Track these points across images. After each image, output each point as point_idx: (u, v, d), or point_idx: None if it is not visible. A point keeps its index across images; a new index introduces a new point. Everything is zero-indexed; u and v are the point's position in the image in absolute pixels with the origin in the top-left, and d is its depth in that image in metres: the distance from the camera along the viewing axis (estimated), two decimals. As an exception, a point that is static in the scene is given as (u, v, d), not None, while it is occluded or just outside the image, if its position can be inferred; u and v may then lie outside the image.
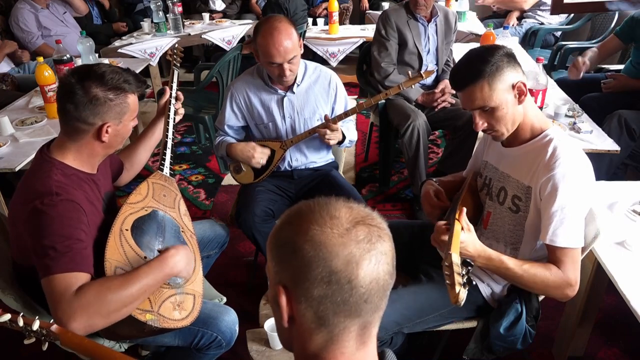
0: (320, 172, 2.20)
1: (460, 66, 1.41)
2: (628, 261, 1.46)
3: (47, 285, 1.19)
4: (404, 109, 2.74)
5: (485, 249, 1.33)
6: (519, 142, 1.46)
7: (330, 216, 0.70)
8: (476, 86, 1.35)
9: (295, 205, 0.76)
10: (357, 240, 0.69)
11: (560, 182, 1.32)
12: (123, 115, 1.38)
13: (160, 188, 1.60)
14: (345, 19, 5.11)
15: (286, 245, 0.71)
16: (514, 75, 1.36)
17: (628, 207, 1.70)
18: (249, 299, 2.21)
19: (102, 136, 1.35)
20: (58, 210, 1.25)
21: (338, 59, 4.22)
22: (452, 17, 2.93)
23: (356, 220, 0.71)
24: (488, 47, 1.39)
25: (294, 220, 0.72)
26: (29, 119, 2.47)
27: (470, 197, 1.58)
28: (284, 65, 1.89)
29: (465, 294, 1.14)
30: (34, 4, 3.89)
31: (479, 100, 1.37)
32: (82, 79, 1.32)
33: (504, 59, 1.35)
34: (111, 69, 1.37)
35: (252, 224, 1.96)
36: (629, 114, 2.51)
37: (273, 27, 1.86)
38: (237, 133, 2.16)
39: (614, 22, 3.93)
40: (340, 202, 0.74)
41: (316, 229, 0.69)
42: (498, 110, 1.38)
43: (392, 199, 3.06)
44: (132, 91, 1.39)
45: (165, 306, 1.32)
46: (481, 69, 1.34)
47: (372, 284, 0.69)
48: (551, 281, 1.33)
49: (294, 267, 0.69)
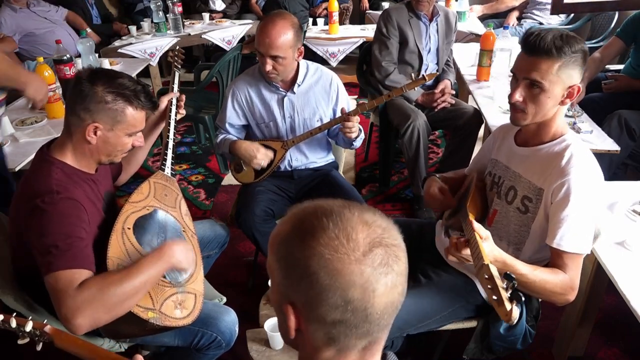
0: (320, 172, 2.20)
1: (548, 35, 1.32)
2: (628, 261, 1.46)
3: (50, 282, 1.20)
4: (404, 109, 2.74)
5: (502, 253, 1.30)
6: (535, 143, 1.44)
7: (347, 238, 0.66)
8: (549, 60, 1.29)
9: (303, 212, 0.71)
10: (374, 265, 0.66)
11: (574, 188, 1.31)
12: (117, 124, 1.36)
13: (162, 188, 1.61)
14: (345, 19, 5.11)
15: (297, 266, 0.67)
16: (578, 76, 1.33)
17: (628, 207, 1.70)
18: (249, 298, 2.21)
19: (87, 135, 1.34)
20: (59, 209, 1.25)
21: (338, 59, 4.22)
22: (453, 17, 2.93)
23: (373, 242, 0.67)
24: (579, 38, 1.33)
25: (305, 238, 0.67)
26: (29, 119, 2.47)
27: (476, 196, 1.57)
28: (266, 59, 1.88)
29: (517, 312, 1.05)
30: (12, 5, 3.88)
31: (540, 73, 1.31)
32: (94, 77, 1.34)
33: (585, 57, 1.31)
34: (128, 79, 1.38)
35: (252, 224, 1.96)
36: (629, 114, 2.50)
37: (272, 18, 1.88)
38: (238, 132, 2.16)
39: (614, 22, 3.93)
40: (355, 217, 0.68)
41: (332, 254, 0.65)
42: (544, 94, 1.33)
43: (392, 199, 3.06)
44: (134, 105, 1.37)
45: (167, 305, 1.33)
46: (565, 49, 1.29)
47: (387, 308, 0.68)
48: (558, 287, 1.32)
49: (306, 292, 0.67)
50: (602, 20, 4.16)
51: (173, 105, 1.77)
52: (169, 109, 1.76)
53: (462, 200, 1.54)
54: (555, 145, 1.39)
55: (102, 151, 1.40)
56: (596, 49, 2.88)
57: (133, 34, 4.09)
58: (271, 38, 1.84)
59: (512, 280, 1.06)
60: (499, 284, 1.07)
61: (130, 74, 2.97)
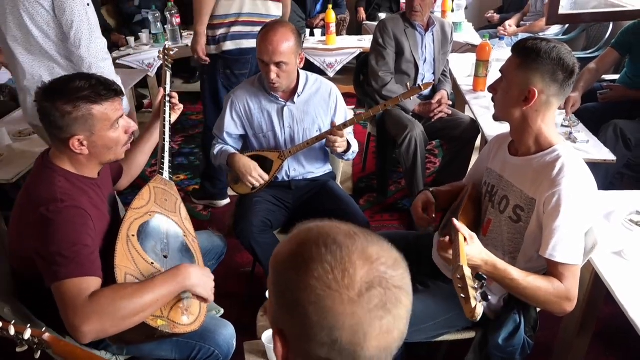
0: (317, 183, 2.20)
1: (530, 39, 1.40)
2: (626, 271, 1.47)
3: (58, 290, 1.20)
4: (401, 120, 2.75)
5: (491, 256, 1.31)
6: (526, 152, 1.45)
7: (343, 274, 0.61)
8: (515, 57, 1.39)
9: (306, 235, 0.67)
10: (369, 308, 0.60)
11: (565, 198, 1.31)
12: (93, 127, 1.33)
13: (162, 192, 1.61)
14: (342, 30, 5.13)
15: (289, 296, 0.63)
16: (539, 82, 1.35)
17: (625, 217, 1.70)
18: (246, 310, 2.20)
19: (75, 149, 1.33)
20: (64, 217, 1.26)
21: (335, 69, 4.24)
22: (449, 28, 2.96)
23: (372, 282, 0.61)
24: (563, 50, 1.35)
25: (300, 268, 0.63)
26: (26, 129, 2.47)
27: (471, 206, 1.58)
28: (270, 67, 1.89)
29: (482, 309, 1.10)
30: None
31: (505, 66, 1.43)
32: (48, 95, 1.31)
33: (556, 68, 1.33)
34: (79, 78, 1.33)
35: (250, 235, 1.96)
36: (624, 124, 2.52)
37: (272, 26, 1.90)
38: (235, 141, 2.16)
39: (609, 32, 3.96)
40: (357, 250, 0.63)
41: (324, 290, 0.60)
42: (503, 87, 1.43)
43: (390, 209, 3.07)
44: (97, 101, 1.32)
45: (174, 311, 1.34)
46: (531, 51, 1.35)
47: (380, 353, 0.62)
48: (553, 295, 1.32)
49: (295, 325, 0.64)
50: (597, 31, 4.19)
51: (167, 106, 1.75)
52: (163, 110, 1.74)
53: (455, 211, 1.55)
54: (547, 156, 1.40)
55: (99, 155, 1.40)
56: (591, 60, 2.89)
57: (131, 45, 4.10)
58: (274, 45, 1.86)
59: (482, 281, 1.12)
60: (469, 284, 1.11)
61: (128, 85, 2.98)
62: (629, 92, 2.72)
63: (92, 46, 1.99)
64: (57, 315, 1.22)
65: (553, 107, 1.39)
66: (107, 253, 1.34)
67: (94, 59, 2.00)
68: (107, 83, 1.37)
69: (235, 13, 2.54)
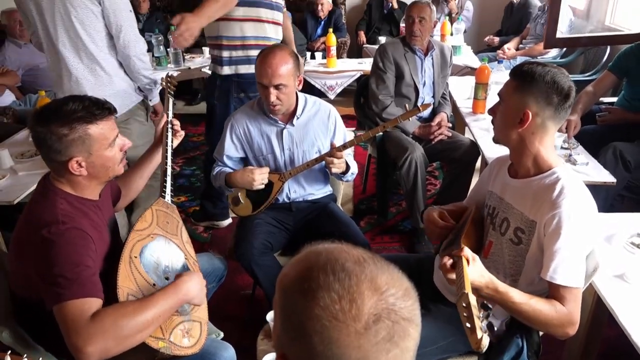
0: (318, 205, 2.20)
1: (527, 63, 1.45)
2: (628, 294, 1.46)
3: (60, 312, 1.20)
4: (402, 142, 2.77)
5: (492, 279, 1.30)
6: (525, 174, 1.46)
7: (350, 304, 0.59)
8: (512, 80, 1.42)
9: (315, 259, 0.65)
10: (376, 340, 0.59)
11: (565, 221, 1.31)
12: (90, 147, 1.34)
13: (164, 215, 1.62)
14: (342, 53, 5.20)
15: (294, 321, 0.62)
16: (533, 104, 1.37)
17: (626, 240, 1.70)
18: (246, 333, 2.18)
19: (74, 171, 1.34)
20: (65, 239, 1.26)
21: (336, 91, 4.29)
22: (448, 51, 3.00)
23: (380, 314, 0.59)
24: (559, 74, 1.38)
25: (307, 295, 0.61)
26: (28, 151, 2.48)
27: (473, 228, 1.58)
28: (270, 89, 1.91)
29: (487, 340, 1.07)
30: (17, 41, 4.01)
31: (503, 89, 1.46)
32: (41, 119, 1.32)
33: (550, 91, 1.35)
34: (72, 100, 1.34)
35: (251, 257, 1.95)
36: (623, 146, 2.53)
37: (271, 50, 1.94)
38: (235, 164, 2.17)
39: (606, 56, 4.01)
40: (366, 280, 0.60)
41: (329, 320, 0.58)
42: (501, 109, 1.46)
43: (391, 231, 3.06)
44: (92, 121, 1.33)
45: (175, 333, 1.34)
46: (526, 74, 1.38)
47: None
48: (555, 318, 1.31)
49: (299, 351, 0.62)
50: (595, 54, 4.24)
51: (169, 132, 1.78)
52: (165, 135, 1.78)
53: (458, 232, 1.54)
54: (546, 178, 1.41)
55: (98, 175, 1.41)
56: (589, 82, 2.92)
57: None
58: (273, 68, 1.88)
59: (488, 310, 1.10)
60: (474, 313, 1.09)
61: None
62: (627, 114, 2.74)
63: (138, 46, 2.31)
64: (56, 338, 1.21)
65: (550, 130, 1.40)
66: (107, 275, 1.34)
67: (140, 55, 2.33)
68: (99, 102, 1.38)
69: (252, 36, 2.51)
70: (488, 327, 1.09)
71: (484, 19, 5.69)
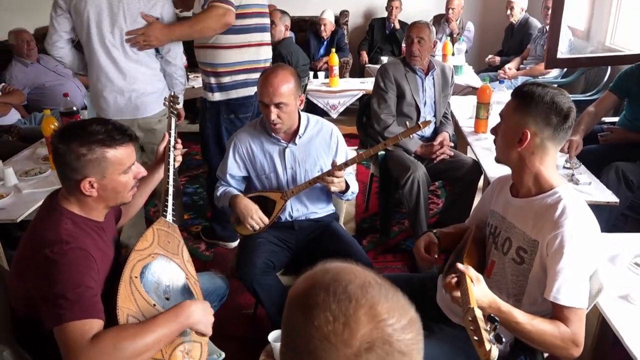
0: (321, 224, 2.20)
1: (528, 84, 1.46)
2: (633, 315, 1.44)
3: (60, 333, 1.20)
4: (404, 161, 2.78)
5: (496, 299, 1.30)
6: (526, 193, 1.47)
7: (344, 327, 0.57)
8: (513, 100, 1.45)
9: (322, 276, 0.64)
10: None
11: (568, 240, 1.31)
12: (105, 170, 1.37)
13: (165, 235, 1.62)
14: (345, 72, 5.25)
15: (292, 337, 0.61)
16: (532, 124, 1.38)
17: (630, 260, 1.69)
18: (247, 352, 2.16)
19: (85, 190, 1.35)
20: (68, 259, 1.26)
21: (338, 110, 4.32)
22: (449, 71, 3.02)
23: (374, 343, 0.57)
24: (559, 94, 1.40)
25: (305, 311, 0.60)
26: (33, 169, 2.50)
27: (475, 248, 1.57)
28: (271, 108, 1.93)
29: (497, 352, 1.07)
30: (24, 60, 4.08)
31: (504, 109, 1.48)
32: (64, 137, 1.35)
33: (550, 112, 1.37)
34: (96, 123, 1.38)
35: (253, 276, 1.95)
36: (625, 166, 2.53)
37: (273, 69, 1.97)
38: (238, 183, 2.18)
39: (607, 76, 4.03)
40: (365, 305, 0.58)
41: (321, 341, 0.57)
42: (502, 129, 1.49)
43: (393, 250, 3.05)
44: (112, 145, 1.37)
45: (175, 355, 1.33)
46: (526, 95, 1.40)
47: None
48: (559, 339, 1.30)
49: None
50: (595, 75, 4.27)
51: (171, 151, 1.80)
52: (167, 154, 1.79)
53: (458, 253, 1.54)
54: (548, 197, 1.41)
55: (107, 198, 1.42)
56: (590, 102, 2.93)
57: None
58: (274, 86, 1.91)
59: (495, 323, 1.10)
60: (481, 326, 1.09)
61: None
62: (629, 134, 2.75)
63: (183, 58, 2.70)
64: (56, 358, 1.20)
65: (550, 150, 1.41)
66: (109, 296, 1.34)
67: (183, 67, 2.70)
68: (122, 128, 1.41)
69: (241, 61, 2.64)
70: (496, 339, 1.08)
71: (485, 39, 5.75)
